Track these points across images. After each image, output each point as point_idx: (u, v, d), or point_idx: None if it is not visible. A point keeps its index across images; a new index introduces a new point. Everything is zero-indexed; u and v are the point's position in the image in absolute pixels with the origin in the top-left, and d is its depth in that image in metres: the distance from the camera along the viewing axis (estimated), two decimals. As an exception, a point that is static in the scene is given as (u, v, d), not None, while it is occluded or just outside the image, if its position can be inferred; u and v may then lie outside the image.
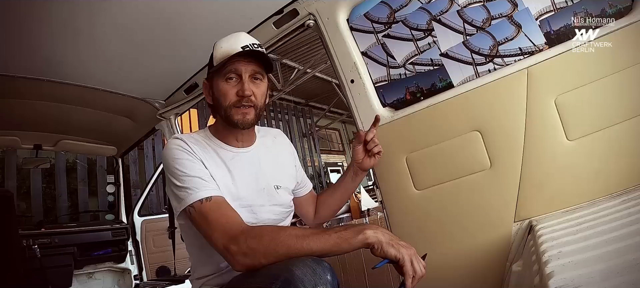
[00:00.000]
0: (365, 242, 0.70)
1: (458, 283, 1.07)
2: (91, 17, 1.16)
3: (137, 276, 2.71)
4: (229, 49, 0.87)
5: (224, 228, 0.75)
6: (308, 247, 0.70)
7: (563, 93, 0.96)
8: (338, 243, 0.70)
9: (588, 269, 0.52)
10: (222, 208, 0.79)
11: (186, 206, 0.79)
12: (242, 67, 0.87)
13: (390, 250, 0.69)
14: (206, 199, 0.79)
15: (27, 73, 1.40)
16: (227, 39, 0.90)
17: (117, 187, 2.78)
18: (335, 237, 0.71)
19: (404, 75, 1.17)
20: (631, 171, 0.90)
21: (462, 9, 1.09)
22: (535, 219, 0.96)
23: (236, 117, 0.88)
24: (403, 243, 0.71)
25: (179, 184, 0.81)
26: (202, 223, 0.78)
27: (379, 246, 0.70)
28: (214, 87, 0.90)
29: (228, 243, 0.74)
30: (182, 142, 0.86)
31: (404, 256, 0.69)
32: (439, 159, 1.10)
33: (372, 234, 0.70)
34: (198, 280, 0.89)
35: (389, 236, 0.71)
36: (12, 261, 1.47)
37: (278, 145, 1.06)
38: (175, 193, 0.83)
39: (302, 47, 4.70)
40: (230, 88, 0.87)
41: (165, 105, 1.83)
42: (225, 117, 0.89)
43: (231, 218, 0.78)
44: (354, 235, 0.70)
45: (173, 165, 0.83)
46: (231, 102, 0.87)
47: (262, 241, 0.72)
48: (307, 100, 7.26)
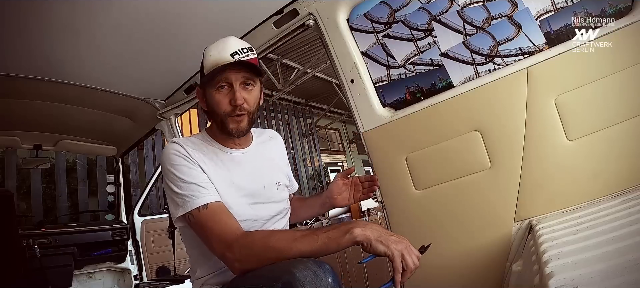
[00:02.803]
0: (353, 241, 0.70)
1: (458, 283, 1.07)
2: (91, 17, 1.16)
3: (137, 276, 2.71)
4: (218, 57, 0.86)
5: (219, 236, 0.78)
6: (297, 249, 0.72)
7: (563, 93, 0.97)
8: (326, 244, 0.71)
9: (588, 269, 0.52)
10: (219, 215, 0.80)
11: (184, 214, 0.81)
12: (232, 76, 0.86)
13: (379, 247, 0.69)
14: (203, 207, 0.80)
15: (27, 73, 1.40)
16: (215, 46, 0.88)
17: (117, 187, 2.78)
18: (323, 238, 0.71)
19: (404, 75, 1.17)
20: (631, 171, 0.90)
21: (462, 9, 1.09)
22: (535, 219, 0.96)
23: (231, 126, 0.88)
24: (394, 237, 0.70)
25: (177, 190, 0.82)
26: (199, 230, 0.81)
27: (368, 243, 0.69)
28: (207, 96, 0.90)
29: (224, 250, 0.77)
30: (180, 146, 0.86)
31: (393, 252, 0.68)
32: (439, 159, 1.10)
33: (360, 232, 0.70)
34: (198, 280, 0.90)
35: (377, 232, 0.70)
36: (12, 261, 1.47)
37: (274, 145, 1.07)
38: (173, 199, 0.83)
39: (302, 47, 4.70)
40: (222, 97, 0.87)
41: (165, 105, 1.83)
42: (221, 124, 0.90)
43: (227, 225, 0.79)
44: (342, 235, 0.71)
45: (171, 171, 0.83)
46: (225, 111, 0.88)
47: (254, 248, 0.75)
48: (307, 100, 7.26)
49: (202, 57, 0.91)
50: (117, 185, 2.77)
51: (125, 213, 2.81)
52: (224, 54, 0.86)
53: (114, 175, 2.77)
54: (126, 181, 2.87)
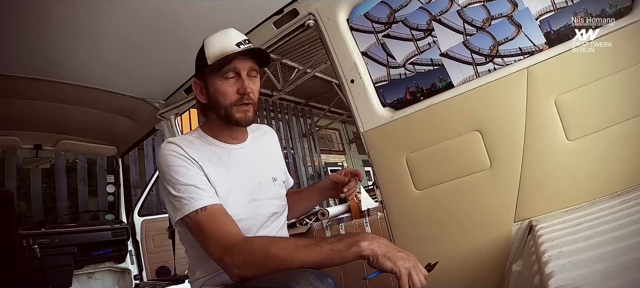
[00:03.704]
0: (359, 254, 0.67)
1: (458, 283, 1.07)
2: (91, 17, 1.16)
3: (137, 276, 2.71)
4: (224, 47, 0.86)
5: (218, 240, 0.76)
6: (299, 260, 0.69)
7: (563, 93, 0.97)
8: (330, 256, 0.69)
9: (588, 269, 0.52)
10: (217, 218, 0.78)
11: (182, 217, 0.79)
12: (240, 65, 0.87)
13: (386, 263, 0.66)
14: (201, 209, 0.78)
15: (27, 73, 1.40)
16: (217, 36, 0.88)
17: (117, 187, 2.78)
18: (327, 249, 0.69)
19: (404, 75, 1.17)
20: (631, 171, 0.90)
21: (462, 9, 1.09)
22: (535, 219, 0.96)
23: (238, 115, 0.87)
24: (402, 253, 0.67)
25: (174, 193, 0.80)
26: (197, 233, 0.79)
27: (375, 258, 0.67)
28: (211, 86, 0.89)
29: (222, 255, 0.75)
30: (177, 146, 0.84)
31: (400, 269, 0.65)
32: (439, 159, 1.10)
33: (367, 246, 0.67)
34: (197, 281, 0.89)
35: (385, 247, 0.67)
36: (12, 261, 1.47)
37: (269, 140, 1.07)
38: (170, 202, 0.82)
39: (302, 47, 4.69)
40: (229, 86, 0.87)
41: (165, 105, 1.83)
42: (225, 115, 0.88)
43: (225, 228, 0.77)
44: (348, 248, 0.68)
45: (168, 173, 0.81)
46: (232, 101, 0.87)
47: (254, 256, 0.72)
48: (307, 100, 7.26)
49: (201, 48, 0.90)
50: (117, 185, 2.77)
51: (125, 213, 2.81)
52: (230, 43, 0.86)
53: (114, 175, 2.77)
54: (126, 181, 2.87)
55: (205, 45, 0.89)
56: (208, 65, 0.87)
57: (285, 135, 6.39)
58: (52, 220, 3.68)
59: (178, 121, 1.95)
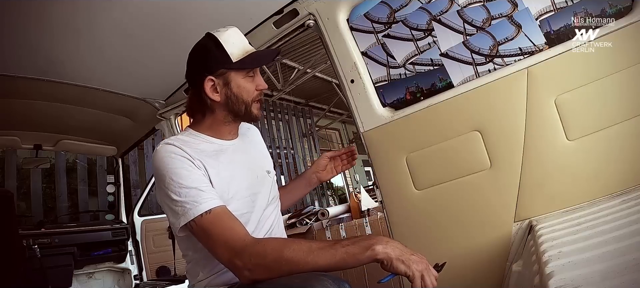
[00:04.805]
0: (373, 258, 0.67)
1: (458, 283, 1.07)
2: (91, 17, 1.16)
3: (137, 276, 2.71)
4: (245, 45, 0.90)
5: (227, 243, 0.74)
6: (314, 262, 0.69)
7: (563, 93, 0.96)
8: (345, 259, 0.68)
9: (588, 269, 0.52)
10: (223, 220, 0.76)
11: (186, 222, 0.77)
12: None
13: (400, 266, 0.67)
14: (206, 212, 0.76)
15: (27, 73, 1.40)
16: (229, 33, 0.88)
17: (117, 187, 2.77)
18: (342, 252, 0.68)
19: (404, 75, 1.17)
20: (631, 171, 0.90)
21: (462, 9, 1.09)
22: (535, 219, 0.96)
23: (255, 111, 0.91)
24: (415, 257, 0.68)
25: (175, 198, 0.77)
26: (203, 238, 0.77)
27: (389, 262, 0.67)
28: (233, 83, 0.87)
29: (232, 258, 0.73)
30: (175, 147, 0.81)
31: (414, 272, 0.66)
32: (439, 159, 1.10)
33: (382, 249, 0.67)
34: (200, 283, 0.87)
35: (399, 251, 0.68)
36: (12, 261, 1.47)
37: (254, 135, 1.09)
38: (171, 207, 0.79)
39: (302, 47, 4.69)
40: (249, 83, 0.90)
41: (165, 105, 1.83)
42: (245, 112, 0.91)
43: (233, 230, 0.76)
44: (363, 251, 0.68)
45: (167, 176, 0.78)
46: (253, 98, 0.90)
47: (266, 259, 0.71)
48: (307, 100, 7.25)
49: (209, 46, 0.87)
50: (117, 185, 2.77)
51: (125, 213, 2.81)
52: (245, 40, 0.90)
53: (114, 175, 2.77)
54: (126, 181, 2.87)
55: (223, 43, 0.86)
56: (233, 63, 0.86)
57: (285, 135, 6.38)
58: (52, 220, 3.68)
59: (178, 121, 1.95)
